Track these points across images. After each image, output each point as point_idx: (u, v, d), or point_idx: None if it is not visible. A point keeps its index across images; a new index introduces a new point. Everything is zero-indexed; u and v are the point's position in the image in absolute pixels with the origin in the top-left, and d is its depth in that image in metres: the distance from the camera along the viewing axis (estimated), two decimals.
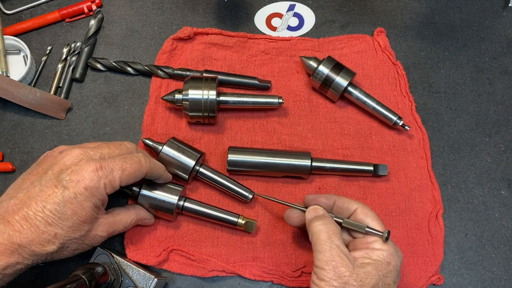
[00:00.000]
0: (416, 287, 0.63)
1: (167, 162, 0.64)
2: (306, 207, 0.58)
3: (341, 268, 0.49)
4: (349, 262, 0.50)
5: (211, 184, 0.66)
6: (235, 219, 0.63)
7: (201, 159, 0.65)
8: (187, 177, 0.64)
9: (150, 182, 0.62)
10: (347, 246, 0.54)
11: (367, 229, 0.54)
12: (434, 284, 0.64)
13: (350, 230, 0.56)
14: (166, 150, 0.64)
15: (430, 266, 0.64)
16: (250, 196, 0.64)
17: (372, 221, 0.55)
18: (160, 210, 0.62)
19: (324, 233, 0.52)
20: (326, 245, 0.51)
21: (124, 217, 0.58)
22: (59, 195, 0.50)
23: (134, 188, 0.62)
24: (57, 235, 0.50)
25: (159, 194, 0.62)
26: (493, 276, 0.64)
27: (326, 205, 0.58)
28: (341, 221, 0.55)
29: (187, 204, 0.63)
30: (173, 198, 0.61)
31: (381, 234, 0.53)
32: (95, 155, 0.54)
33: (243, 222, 0.62)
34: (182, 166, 0.64)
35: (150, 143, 0.65)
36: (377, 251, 0.52)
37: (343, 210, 0.57)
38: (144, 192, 0.62)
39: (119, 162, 0.54)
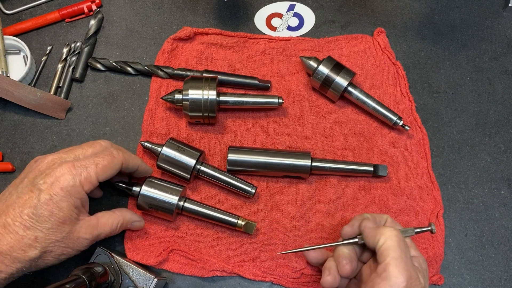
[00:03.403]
0: None
1: (167, 163, 0.64)
2: (347, 238, 0.56)
3: (411, 274, 0.47)
4: (418, 272, 0.49)
5: (212, 181, 0.66)
6: (235, 220, 0.63)
7: (201, 157, 0.65)
8: (188, 176, 0.64)
9: (150, 182, 0.62)
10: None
11: (416, 230, 0.54)
12: (434, 284, 0.64)
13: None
14: (166, 151, 0.64)
15: (431, 266, 0.64)
16: (253, 191, 0.64)
17: (399, 227, 0.56)
18: (160, 210, 0.62)
19: (400, 242, 0.49)
20: (403, 253, 0.49)
21: (109, 219, 0.57)
22: (34, 198, 0.50)
23: (134, 188, 0.62)
24: (37, 238, 0.50)
25: (159, 194, 0.62)
26: (493, 276, 0.64)
27: (357, 229, 0.55)
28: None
29: (187, 205, 0.63)
30: (173, 199, 0.61)
31: (430, 228, 0.55)
32: (68, 158, 0.55)
33: (243, 223, 0.62)
34: (183, 166, 0.64)
35: (149, 145, 0.65)
36: (414, 258, 0.52)
37: (376, 224, 0.55)
38: (144, 192, 0.62)
39: (91, 159, 0.54)
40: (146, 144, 0.65)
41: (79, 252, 0.55)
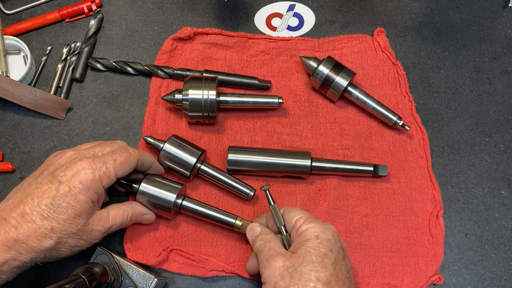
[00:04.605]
0: (417, 287, 0.63)
1: (168, 159, 0.64)
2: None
3: (274, 264, 0.52)
4: (283, 256, 0.52)
5: (212, 181, 0.66)
6: (232, 220, 0.62)
7: (202, 156, 0.65)
8: (188, 174, 0.64)
9: (149, 179, 0.62)
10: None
11: (272, 205, 0.58)
12: (434, 284, 0.64)
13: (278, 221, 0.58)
14: (168, 147, 0.64)
15: (430, 266, 0.64)
16: (251, 193, 0.64)
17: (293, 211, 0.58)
18: (158, 207, 0.62)
19: (261, 244, 0.56)
20: (264, 252, 0.54)
21: (119, 211, 0.58)
22: (54, 189, 0.51)
23: (134, 185, 0.62)
24: (53, 229, 0.51)
25: (157, 191, 0.61)
26: (493, 276, 0.64)
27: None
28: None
29: (185, 203, 0.63)
30: (171, 196, 0.61)
31: (265, 188, 0.59)
32: (88, 154, 0.56)
33: (240, 223, 0.62)
34: (183, 163, 0.64)
35: (152, 140, 0.66)
36: (304, 232, 0.54)
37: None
38: (143, 188, 0.61)
39: (109, 155, 0.56)
40: (149, 139, 0.66)
41: (91, 244, 0.56)
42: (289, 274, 0.50)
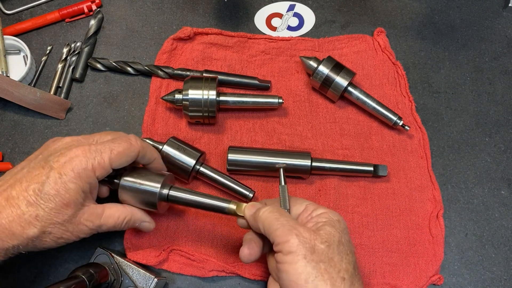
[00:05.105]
0: (417, 287, 0.63)
1: (167, 161, 0.64)
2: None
3: (304, 234, 0.47)
4: (308, 228, 0.49)
5: (211, 183, 0.66)
6: (225, 205, 0.55)
7: (201, 158, 0.65)
8: (187, 176, 0.64)
9: (131, 172, 0.57)
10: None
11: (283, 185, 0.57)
12: (434, 284, 0.64)
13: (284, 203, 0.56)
14: (167, 149, 0.64)
15: (430, 266, 0.64)
16: (251, 195, 0.64)
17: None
18: (143, 202, 0.56)
19: (275, 213, 0.51)
20: (282, 219, 0.49)
21: (116, 212, 0.55)
22: (44, 175, 0.49)
23: (115, 181, 0.57)
24: (38, 216, 0.48)
25: (139, 183, 0.56)
26: (493, 276, 0.64)
27: None
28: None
29: (172, 192, 0.57)
30: (155, 187, 0.55)
31: (280, 166, 0.59)
32: (85, 141, 0.54)
33: (235, 206, 0.55)
34: (183, 165, 0.64)
35: (151, 142, 0.65)
36: (323, 214, 0.52)
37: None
38: (124, 182, 0.56)
39: (107, 144, 0.53)
40: (147, 141, 0.65)
41: (78, 238, 0.52)
42: (321, 250, 0.47)
